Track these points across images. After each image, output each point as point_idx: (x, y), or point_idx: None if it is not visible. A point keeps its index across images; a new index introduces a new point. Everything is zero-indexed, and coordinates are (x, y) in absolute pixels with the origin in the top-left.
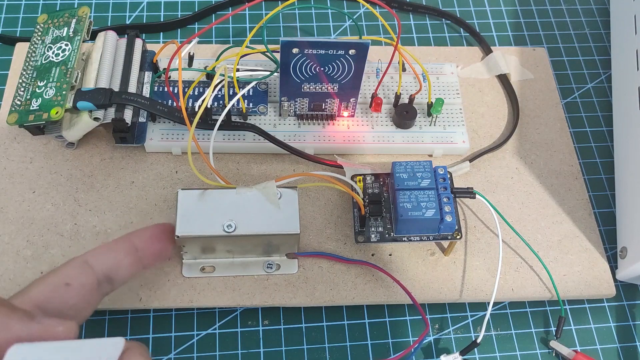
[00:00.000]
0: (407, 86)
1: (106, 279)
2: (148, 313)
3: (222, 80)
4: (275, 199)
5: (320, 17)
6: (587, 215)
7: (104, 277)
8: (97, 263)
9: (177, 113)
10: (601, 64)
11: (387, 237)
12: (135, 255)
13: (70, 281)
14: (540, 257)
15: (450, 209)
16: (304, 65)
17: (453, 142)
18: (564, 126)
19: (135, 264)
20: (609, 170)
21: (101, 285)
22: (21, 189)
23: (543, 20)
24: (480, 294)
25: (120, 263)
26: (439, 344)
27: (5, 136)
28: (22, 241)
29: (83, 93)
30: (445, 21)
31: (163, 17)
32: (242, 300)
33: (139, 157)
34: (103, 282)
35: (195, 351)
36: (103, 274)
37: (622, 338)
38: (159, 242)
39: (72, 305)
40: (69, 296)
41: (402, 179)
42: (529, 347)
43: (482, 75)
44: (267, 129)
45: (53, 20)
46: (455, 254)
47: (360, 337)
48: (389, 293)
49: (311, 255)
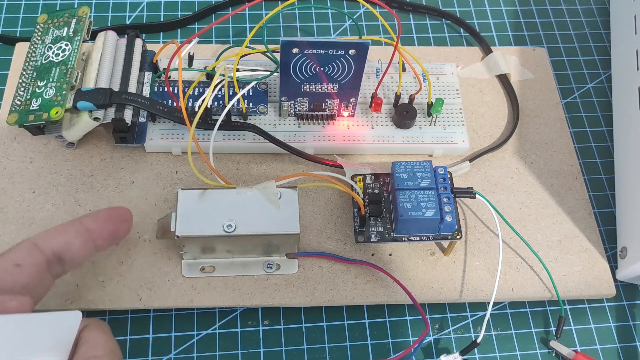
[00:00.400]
0: (407, 86)
1: (57, 259)
2: (148, 313)
3: (222, 80)
4: (275, 199)
5: (320, 17)
6: (587, 215)
7: (54, 258)
8: (46, 244)
9: (177, 113)
10: (601, 64)
11: (387, 237)
12: (87, 235)
13: (20, 262)
14: (540, 257)
15: (450, 209)
16: (304, 65)
17: (453, 142)
18: (564, 126)
19: (86, 245)
20: (609, 170)
21: (52, 266)
22: (21, 189)
23: (543, 20)
24: (480, 294)
25: (71, 243)
26: (439, 344)
27: (5, 136)
28: None
29: (83, 93)
30: (445, 21)
31: (163, 17)
32: (242, 300)
33: (139, 157)
34: (53, 263)
35: (195, 351)
36: (53, 255)
37: (622, 338)
38: (112, 223)
39: (24, 286)
40: (19, 277)
41: (402, 179)
42: (529, 347)
43: (482, 75)
44: (267, 129)
45: (53, 20)
46: (455, 254)
47: (360, 337)
48: (389, 293)
49: (311, 255)
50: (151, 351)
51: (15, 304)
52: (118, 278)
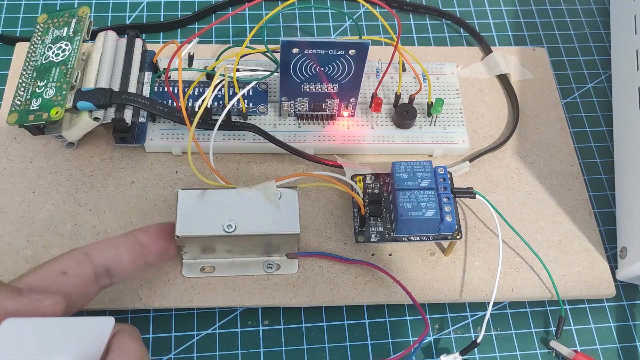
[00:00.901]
0: (407, 86)
1: (105, 272)
2: (148, 313)
3: (222, 80)
4: (275, 199)
5: (320, 17)
6: (587, 215)
7: (103, 270)
8: (97, 255)
9: (177, 113)
10: (601, 64)
11: (387, 237)
12: (138, 251)
13: (67, 270)
14: (540, 257)
15: (450, 209)
16: (304, 65)
17: (453, 142)
18: (564, 126)
19: (137, 260)
20: (609, 170)
21: (99, 278)
22: (21, 189)
23: (543, 20)
24: (480, 294)
25: (121, 257)
26: (439, 344)
27: (5, 136)
28: (22, 241)
29: (83, 93)
30: (445, 21)
31: (163, 17)
32: (242, 300)
33: (139, 157)
34: (101, 275)
35: (195, 351)
36: (102, 267)
37: (622, 338)
38: (163, 240)
39: (67, 294)
40: (64, 285)
41: (402, 179)
42: (529, 347)
43: (482, 75)
44: (267, 129)
45: (53, 20)
46: (455, 254)
47: (360, 337)
48: (389, 293)
49: (311, 255)
50: (151, 351)
51: (49, 303)
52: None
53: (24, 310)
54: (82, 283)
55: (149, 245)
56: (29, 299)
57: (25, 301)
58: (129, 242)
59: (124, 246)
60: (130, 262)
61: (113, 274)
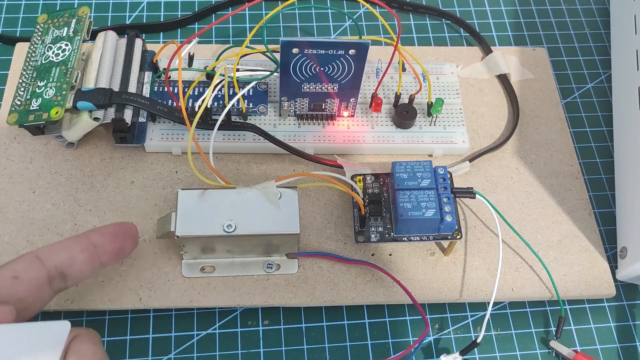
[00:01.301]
0: (407, 86)
1: (59, 274)
2: (148, 313)
3: (222, 80)
4: (275, 199)
5: (320, 17)
6: (587, 215)
7: (56, 273)
8: (49, 258)
9: (177, 113)
10: (601, 64)
11: (387, 237)
12: (92, 251)
13: (19, 274)
14: (540, 257)
15: (450, 209)
16: (304, 65)
17: (453, 142)
18: (564, 126)
19: (91, 261)
20: (609, 170)
21: (53, 281)
22: (21, 189)
23: (543, 20)
24: (480, 294)
25: (75, 259)
26: (439, 344)
27: (5, 136)
28: (22, 241)
29: (83, 93)
30: (445, 21)
31: (163, 17)
32: (242, 300)
33: (139, 157)
34: (55, 278)
35: (195, 351)
36: (55, 269)
37: (622, 338)
38: (118, 240)
39: (20, 299)
40: (16, 289)
41: (402, 179)
42: (529, 347)
43: (482, 75)
44: (267, 129)
45: (53, 20)
46: (455, 254)
47: (360, 337)
48: (389, 293)
49: (311, 255)
50: (151, 351)
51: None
52: (118, 278)
53: None
54: (35, 287)
55: (103, 245)
56: None
57: None
58: (82, 243)
59: (77, 247)
60: (84, 264)
61: (67, 276)
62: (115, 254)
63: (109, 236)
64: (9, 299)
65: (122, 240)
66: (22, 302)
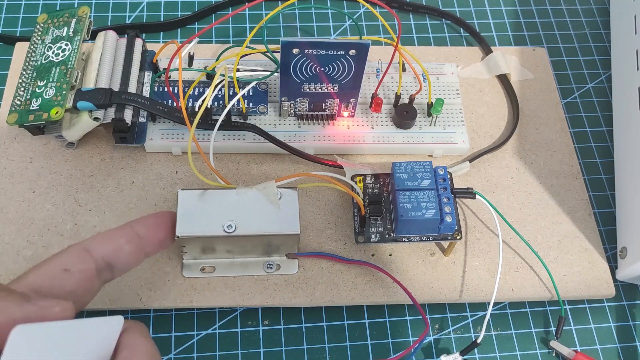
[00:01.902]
0: (407, 86)
1: (106, 265)
2: (148, 313)
3: (222, 80)
4: (275, 199)
5: (320, 17)
6: (587, 215)
7: (104, 264)
8: (97, 249)
9: (177, 113)
10: (601, 64)
11: (387, 237)
12: (137, 242)
13: (69, 267)
14: (541, 257)
15: (450, 209)
16: (304, 66)
17: (453, 142)
18: (564, 126)
19: (136, 251)
20: (609, 170)
21: (101, 272)
22: (21, 189)
23: (543, 20)
24: (480, 294)
25: (121, 250)
26: (439, 344)
27: (5, 136)
28: (22, 241)
29: (83, 93)
30: (445, 21)
31: (163, 17)
32: (242, 300)
33: (139, 157)
34: (103, 269)
35: (195, 351)
36: (103, 261)
37: (622, 338)
38: (162, 229)
39: (71, 291)
40: (67, 282)
41: (402, 179)
42: (529, 347)
43: (482, 75)
44: (267, 129)
45: (53, 20)
46: (455, 254)
47: (360, 337)
48: (389, 293)
49: (311, 255)
50: None
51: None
52: (118, 278)
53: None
54: (85, 279)
55: (147, 236)
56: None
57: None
58: (128, 234)
59: (123, 239)
60: (130, 255)
61: (114, 267)
62: (159, 243)
63: (152, 227)
64: (60, 292)
65: (165, 230)
66: (72, 294)
